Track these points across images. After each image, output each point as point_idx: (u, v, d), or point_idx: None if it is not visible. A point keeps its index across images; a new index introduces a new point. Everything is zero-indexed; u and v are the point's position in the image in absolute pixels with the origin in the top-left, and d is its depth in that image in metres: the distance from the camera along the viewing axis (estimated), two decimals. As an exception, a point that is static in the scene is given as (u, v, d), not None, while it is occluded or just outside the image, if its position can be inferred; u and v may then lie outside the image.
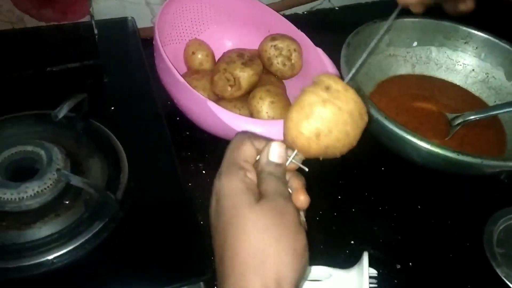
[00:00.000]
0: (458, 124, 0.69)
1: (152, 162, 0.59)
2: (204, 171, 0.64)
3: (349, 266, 0.53)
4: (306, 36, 0.70)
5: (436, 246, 0.61)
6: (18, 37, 0.75)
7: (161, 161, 0.60)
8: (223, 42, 0.76)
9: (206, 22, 0.76)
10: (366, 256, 0.50)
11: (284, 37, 0.69)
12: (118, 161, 0.56)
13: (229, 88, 0.65)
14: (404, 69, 0.78)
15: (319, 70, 0.66)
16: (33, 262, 0.47)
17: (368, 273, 0.49)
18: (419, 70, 0.78)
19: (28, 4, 0.72)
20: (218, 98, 0.67)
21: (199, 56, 0.71)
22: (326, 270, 0.52)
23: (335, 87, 0.36)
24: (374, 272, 0.51)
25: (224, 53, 0.71)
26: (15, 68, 0.71)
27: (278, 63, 0.68)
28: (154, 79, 0.68)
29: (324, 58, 0.66)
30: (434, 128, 0.70)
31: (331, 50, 0.68)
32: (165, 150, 0.61)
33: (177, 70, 0.60)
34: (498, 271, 0.57)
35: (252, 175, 0.38)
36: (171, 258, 0.51)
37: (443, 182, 0.66)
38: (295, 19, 0.73)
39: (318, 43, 0.69)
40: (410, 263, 0.58)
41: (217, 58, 0.73)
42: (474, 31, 0.76)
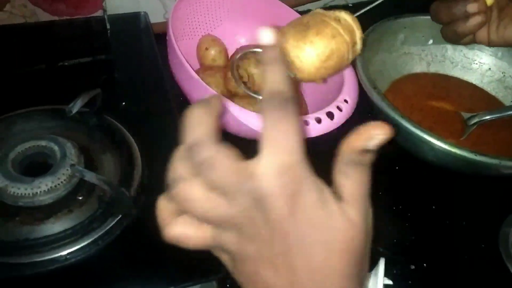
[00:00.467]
0: (474, 124, 0.68)
1: (165, 159, 0.58)
2: (216, 168, 0.63)
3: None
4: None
5: (450, 247, 0.60)
6: (30, 31, 0.74)
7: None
8: (236, 38, 0.76)
9: (219, 17, 0.75)
10: (382, 263, 0.49)
11: (298, 33, 0.68)
12: (132, 157, 0.56)
13: (242, 84, 0.64)
14: (419, 67, 0.77)
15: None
16: (46, 257, 0.47)
17: (383, 283, 0.48)
18: (434, 68, 0.77)
19: (41, -2, 0.72)
20: (231, 95, 0.67)
21: (212, 52, 0.71)
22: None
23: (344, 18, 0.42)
24: (390, 282, 0.50)
25: (237, 49, 0.70)
26: (28, 62, 0.71)
27: (292, 60, 0.68)
28: (166, 75, 0.68)
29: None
30: (449, 127, 0.69)
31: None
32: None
33: (190, 66, 0.60)
34: (514, 273, 0.56)
35: None
36: (184, 256, 0.50)
37: (458, 182, 0.65)
38: (309, 16, 0.72)
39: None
40: (425, 264, 0.57)
41: (229, 54, 0.72)
42: (491, 30, 0.74)
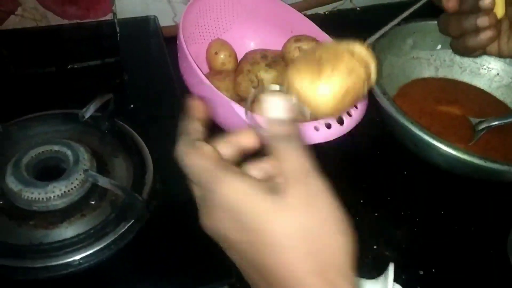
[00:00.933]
0: (482, 129, 0.68)
1: (176, 162, 0.59)
2: (226, 172, 0.64)
3: (372, 272, 0.52)
4: (329, 37, 0.69)
5: (459, 253, 0.60)
6: (41, 34, 0.75)
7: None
8: (246, 42, 0.76)
9: (229, 22, 0.75)
10: (392, 268, 0.49)
11: (308, 38, 0.68)
12: (143, 161, 0.56)
13: (252, 89, 0.65)
14: (427, 72, 0.77)
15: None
16: (60, 262, 0.47)
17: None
18: (443, 73, 0.78)
19: (52, 1, 0.73)
20: (241, 99, 0.67)
21: (222, 56, 0.71)
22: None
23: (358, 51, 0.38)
24: (399, 287, 0.51)
25: (246, 53, 0.71)
26: (38, 65, 0.72)
27: (301, 65, 0.68)
28: (176, 78, 0.68)
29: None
30: (457, 132, 0.69)
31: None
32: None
33: (200, 70, 0.60)
34: (523, 280, 0.56)
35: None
36: (196, 260, 0.51)
37: (467, 187, 0.65)
38: (316, 19, 0.73)
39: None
40: (433, 270, 0.57)
41: (239, 59, 0.73)
42: (500, 35, 0.74)
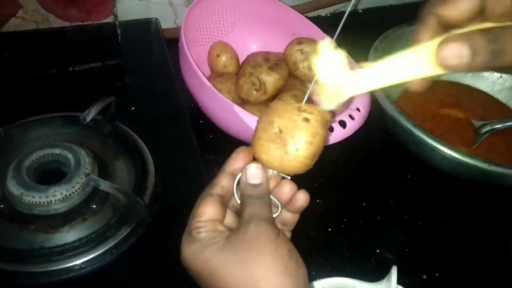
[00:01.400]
0: (486, 132, 0.68)
1: (178, 166, 0.59)
2: (228, 175, 0.64)
3: (374, 276, 0.52)
4: (331, 39, 0.69)
5: (462, 257, 0.60)
6: (43, 36, 0.75)
7: (187, 164, 0.59)
8: (248, 44, 0.76)
9: (231, 24, 0.75)
10: (395, 271, 0.49)
11: (310, 41, 0.68)
12: (145, 164, 0.56)
13: (254, 92, 0.65)
14: (430, 75, 0.77)
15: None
16: (61, 266, 0.47)
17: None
18: (446, 76, 0.77)
19: (53, 4, 0.72)
20: (243, 102, 0.67)
21: (224, 58, 0.71)
22: (351, 282, 0.51)
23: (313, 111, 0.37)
24: (402, 289, 0.51)
25: (248, 56, 0.70)
26: (39, 67, 0.71)
27: (304, 68, 0.68)
28: (178, 80, 0.68)
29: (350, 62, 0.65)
30: (461, 135, 0.69)
31: (354, 53, 0.67)
32: (191, 153, 0.60)
33: (202, 73, 0.60)
34: (527, 284, 0.56)
35: (209, 227, 0.37)
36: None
37: (470, 191, 0.65)
38: (318, 21, 0.72)
39: (341, 46, 0.68)
40: (437, 274, 0.57)
41: (241, 61, 0.72)
42: (503, 37, 0.74)
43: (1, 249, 0.47)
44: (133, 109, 0.66)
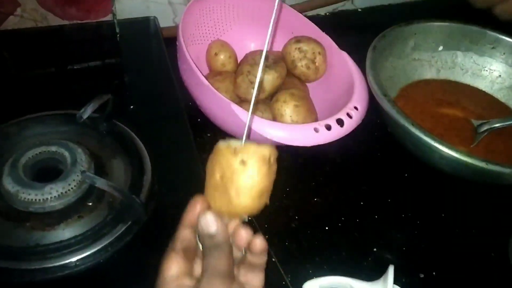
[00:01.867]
0: (484, 131, 0.68)
1: (175, 164, 0.59)
2: (225, 174, 0.63)
3: (371, 275, 0.52)
4: (330, 38, 0.69)
5: (460, 256, 0.59)
6: (41, 35, 0.75)
7: (184, 163, 0.59)
8: (246, 43, 0.76)
9: (229, 23, 0.75)
10: (391, 270, 0.49)
11: (308, 39, 0.68)
12: (142, 162, 0.56)
13: (252, 90, 0.64)
14: (429, 73, 0.77)
15: (344, 73, 0.65)
16: (57, 264, 0.47)
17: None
18: (444, 75, 0.77)
19: (52, 2, 0.72)
20: (241, 100, 0.67)
21: (222, 57, 0.71)
22: (348, 281, 0.51)
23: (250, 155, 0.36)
24: (398, 288, 0.50)
25: (247, 54, 0.70)
26: (37, 65, 0.72)
27: (302, 66, 0.68)
28: (176, 79, 0.68)
29: (349, 61, 0.65)
30: (459, 134, 0.69)
31: (353, 52, 0.68)
32: (188, 152, 0.60)
33: (200, 72, 0.60)
34: (524, 283, 0.56)
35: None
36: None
37: (468, 190, 0.65)
38: (317, 21, 0.72)
39: (340, 45, 0.68)
40: (434, 273, 0.57)
41: (239, 60, 0.72)
42: (502, 37, 0.74)
43: (-4, 246, 0.47)
44: (131, 108, 0.66)
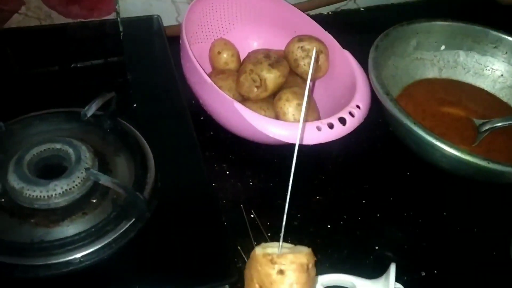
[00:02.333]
0: (486, 130, 0.68)
1: (178, 162, 0.59)
2: (228, 172, 0.64)
3: (373, 273, 0.52)
4: (332, 37, 0.69)
5: (461, 254, 0.60)
6: (45, 33, 0.75)
7: (187, 161, 0.60)
8: (249, 42, 0.76)
9: (232, 21, 0.76)
10: (393, 268, 0.49)
11: (311, 38, 0.68)
12: (145, 160, 0.56)
13: (255, 89, 0.65)
14: (431, 73, 0.77)
15: (346, 72, 0.66)
16: (61, 260, 0.47)
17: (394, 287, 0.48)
18: (446, 74, 0.77)
19: (56, 0, 0.73)
20: (243, 99, 0.67)
21: (225, 56, 0.71)
22: (350, 279, 0.52)
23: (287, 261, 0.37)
24: (401, 287, 0.51)
25: (249, 53, 0.71)
26: (41, 64, 0.72)
27: (304, 65, 0.68)
28: (179, 78, 0.68)
29: (351, 61, 0.66)
30: (461, 133, 0.69)
31: (355, 51, 0.68)
32: (191, 150, 0.61)
33: (203, 70, 0.60)
34: (525, 282, 0.56)
35: None
36: (197, 260, 0.50)
37: (470, 189, 0.65)
38: (320, 20, 0.72)
39: (342, 44, 0.68)
40: (435, 271, 0.57)
41: (242, 58, 0.73)
42: (504, 36, 0.74)
43: (1, 242, 0.48)
44: (134, 106, 0.66)
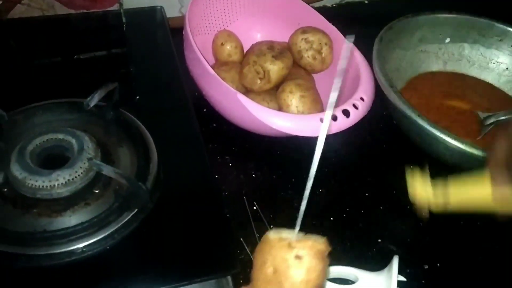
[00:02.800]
0: (490, 123, 0.68)
1: (180, 153, 0.59)
2: (230, 164, 0.64)
3: (376, 266, 0.52)
4: (337, 29, 0.69)
5: (464, 248, 0.59)
6: (48, 24, 0.75)
7: (190, 152, 0.59)
8: (252, 33, 0.76)
9: (235, 13, 0.75)
10: (396, 261, 0.49)
11: (315, 30, 0.68)
12: (148, 151, 0.56)
13: (258, 80, 0.64)
14: (435, 65, 0.76)
15: (350, 64, 0.65)
16: (63, 250, 0.47)
17: (396, 280, 0.48)
18: (451, 67, 0.77)
19: (58, -9, 0.73)
20: (247, 91, 0.67)
21: (228, 47, 0.71)
22: (353, 271, 0.52)
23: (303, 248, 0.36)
24: (403, 279, 0.50)
25: (253, 45, 0.70)
26: (44, 54, 0.72)
27: (308, 57, 0.68)
28: (182, 69, 0.68)
29: (355, 53, 0.65)
30: (465, 127, 0.68)
31: (360, 43, 0.67)
32: (194, 141, 0.60)
33: (206, 61, 0.60)
34: (528, 275, 0.56)
35: None
36: (199, 251, 0.50)
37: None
38: (324, 12, 0.72)
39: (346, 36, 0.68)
40: (438, 264, 0.57)
41: (245, 50, 0.72)
42: (510, 29, 0.74)
43: (4, 232, 0.48)
44: (137, 97, 0.66)
